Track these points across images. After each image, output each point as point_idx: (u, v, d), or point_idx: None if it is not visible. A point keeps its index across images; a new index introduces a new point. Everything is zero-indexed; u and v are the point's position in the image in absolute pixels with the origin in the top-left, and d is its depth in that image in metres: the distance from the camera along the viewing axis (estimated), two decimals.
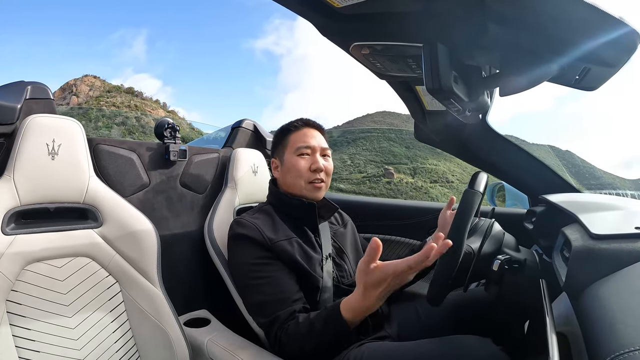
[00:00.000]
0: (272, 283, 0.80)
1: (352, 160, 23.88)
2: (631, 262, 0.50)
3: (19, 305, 0.66)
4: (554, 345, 0.48)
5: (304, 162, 0.92)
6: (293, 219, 0.91)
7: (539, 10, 0.50)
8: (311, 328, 0.72)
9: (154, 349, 0.79)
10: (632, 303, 0.41)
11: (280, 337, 0.76)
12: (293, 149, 0.93)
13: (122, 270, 0.79)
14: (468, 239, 0.70)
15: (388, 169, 21.33)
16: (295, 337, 0.73)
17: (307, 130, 0.96)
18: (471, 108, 0.70)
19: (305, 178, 0.92)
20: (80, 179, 0.76)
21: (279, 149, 0.97)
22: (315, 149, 0.94)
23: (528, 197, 1.24)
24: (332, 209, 0.97)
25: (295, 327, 0.74)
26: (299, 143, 0.93)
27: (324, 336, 0.71)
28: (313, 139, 0.95)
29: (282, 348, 0.76)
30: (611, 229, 0.60)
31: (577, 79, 0.61)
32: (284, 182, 0.95)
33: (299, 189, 0.93)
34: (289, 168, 0.93)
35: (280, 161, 0.96)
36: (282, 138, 0.97)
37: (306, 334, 0.72)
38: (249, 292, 0.84)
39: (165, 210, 1.03)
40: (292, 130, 0.96)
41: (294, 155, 0.93)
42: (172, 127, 1.05)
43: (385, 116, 77.71)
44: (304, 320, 0.74)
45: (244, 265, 0.84)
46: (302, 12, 0.61)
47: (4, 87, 0.79)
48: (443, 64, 0.58)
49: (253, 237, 0.83)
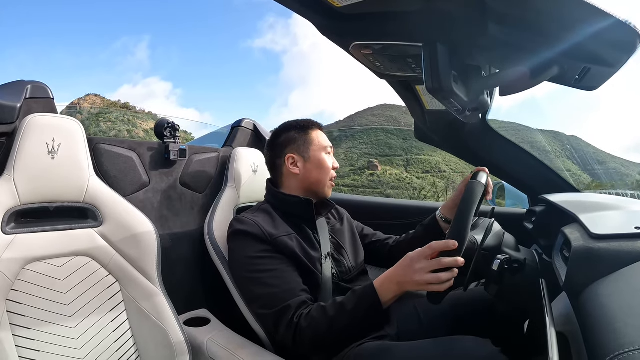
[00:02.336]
0: (276, 275, 0.80)
1: (346, 154, 23.86)
2: (631, 261, 0.50)
3: (19, 304, 0.67)
4: (553, 344, 0.48)
5: (329, 159, 0.97)
6: (292, 217, 0.91)
7: (539, 10, 0.50)
8: (341, 308, 0.73)
9: (154, 348, 0.79)
10: (632, 303, 0.41)
11: (299, 322, 0.74)
12: (321, 147, 0.96)
13: (122, 270, 0.79)
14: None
15: (372, 162, 21.54)
16: (321, 319, 0.73)
17: (322, 133, 1.00)
18: (471, 108, 0.70)
19: (330, 175, 0.97)
20: (80, 179, 0.76)
21: (298, 145, 0.96)
22: (331, 151, 1.00)
23: (528, 197, 1.25)
24: (329, 206, 0.98)
25: (319, 310, 0.74)
26: (325, 142, 0.97)
27: (357, 313, 0.72)
28: (329, 142, 1.00)
29: (301, 333, 0.74)
30: (611, 228, 0.60)
31: (577, 79, 0.61)
32: (305, 178, 0.95)
33: (321, 186, 0.95)
34: (318, 164, 0.95)
35: (302, 157, 0.95)
36: (303, 135, 0.97)
37: (336, 314, 0.72)
38: (252, 285, 0.82)
39: (165, 209, 1.03)
40: (312, 129, 0.98)
41: (322, 153, 0.96)
42: (172, 127, 1.04)
43: (385, 109, 77.62)
44: (331, 304, 0.75)
45: (245, 259, 0.83)
46: (302, 12, 0.61)
47: (3, 86, 0.78)
48: (443, 64, 0.58)
49: (253, 233, 0.83)
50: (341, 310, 0.73)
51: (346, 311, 0.73)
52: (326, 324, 0.73)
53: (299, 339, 0.74)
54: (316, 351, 0.77)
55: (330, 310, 0.74)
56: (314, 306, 0.76)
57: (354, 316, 0.73)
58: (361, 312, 0.73)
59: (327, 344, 0.75)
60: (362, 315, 0.73)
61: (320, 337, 0.73)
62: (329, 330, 0.73)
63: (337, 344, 0.75)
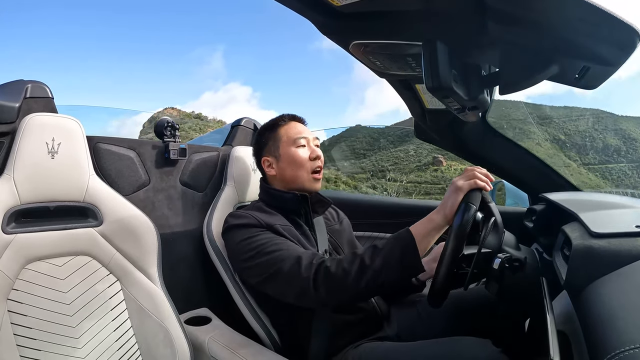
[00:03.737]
0: (277, 243, 0.77)
1: (415, 151, 22.99)
2: (631, 260, 0.50)
3: (20, 304, 0.67)
4: (554, 343, 0.48)
5: (303, 152, 0.92)
6: (287, 213, 0.90)
7: (539, 9, 0.50)
8: (373, 248, 0.69)
9: (155, 347, 0.79)
10: (632, 301, 0.41)
11: (321, 263, 0.69)
12: (289, 141, 0.92)
13: (123, 269, 0.79)
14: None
15: (437, 157, 20.92)
16: (349, 258, 0.69)
17: (295, 123, 0.96)
18: (471, 106, 0.70)
19: (307, 168, 0.91)
20: (80, 178, 0.76)
21: (270, 146, 0.95)
22: (309, 139, 0.94)
23: (528, 196, 1.25)
24: (326, 204, 0.96)
25: (349, 256, 0.69)
26: (294, 135, 0.93)
27: (390, 253, 0.67)
28: (305, 130, 0.95)
29: (325, 272, 0.68)
30: (611, 227, 0.60)
31: (577, 78, 0.61)
32: (282, 178, 0.93)
33: (301, 182, 0.91)
34: (289, 161, 0.91)
35: (274, 157, 0.94)
36: (271, 134, 0.95)
37: (366, 253, 0.68)
38: (253, 260, 0.78)
39: (165, 208, 1.03)
40: (281, 125, 0.95)
41: (291, 147, 0.92)
42: (172, 126, 1.04)
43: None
44: (361, 248, 0.72)
45: (241, 242, 0.80)
46: (302, 11, 0.61)
47: (3, 86, 0.78)
48: (443, 63, 0.57)
49: (249, 223, 0.82)
50: (373, 251, 0.68)
51: (378, 250, 0.68)
52: (356, 263, 0.67)
53: (321, 279, 0.68)
54: (339, 296, 0.70)
55: (360, 251, 0.70)
56: (340, 257, 0.71)
57: (387, 257, 0.66)
58: (396, 253, 0.67)
59: (353, 286, 0.67)
60: (397, 257, 0.66)
61: (347, 277, 0.67)
62: (359, 271, 0.66)
63: (365, 290, 0.67)
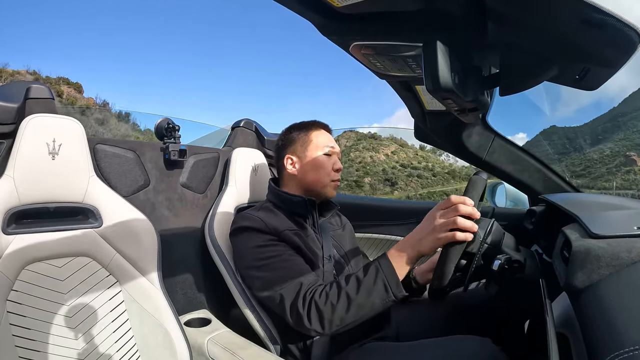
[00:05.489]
0: (285, 259, 0.80)
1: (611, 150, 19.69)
2: (631, 262, 0.50)
3: (19, 305, 0.66)
4: (553, 345, 0.47)
5: (328, 160, 0.95)
6: (294, 216, 0.91)
7: (539, 10, 0.50)
8: (355, 279, 0.72)
9: (155, 349, 0.79)
10: (632, 303, 0.41)
11: (313, 299, 0.73)
12: (319, 147, 0.95)
13: (123, 270, 0.79)
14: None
15: (629, 155, 17.16)
16: (335, 291, 0.72)
17: (326, 132, 0.99)
18: (471, 108, 0.70)
19: (329, 176, 0.95)
20: (80, 179, 0.76)
21: (297, 146, 0.97)
22: (337, 152, 0.98)
23: (528, 197, 1.24)
24: (332, 207, 0.98)
25: (334, 286, 0.73)
26: (325, 143, 0.96)
27: (369, 283, 0.70)
28: (333, 142, 0.99)
29: (317, 309, 0.72)
30: (611, 228, 0.60)
31: (577, 79, 0.61)
32: (302, 178, 0.95)
33: (320, 186, 0.94)
34: (314, 164, 0.94)
35: (299, 157, 0.96)
36: (302, 135, 0.97)
37: (350, 286, 0.71)
38: (262, 272, 0.81)
39: (166, 210, 1.03)
40: (314, 129, 0.98)
41: (320, 153, 0.95)
42: (172, 127, 1.04)
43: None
44: (344, 277, 0.73)
45: (252, 249, 0.83)
46: (301, 12, 0.61)
47: (3, 87, 0.79)
48: (443, 64, 0.57)
49: (257, 227, 0.84)
50: (355, 281, 0.72)
51: (360, 281, 0.71)
52: (341, 296, 0.71)
53: (313, 314, 0.72)
54: (330, 327, 0.73)
55: (343, 283, 0.73)
56: (329, 285, 0.75)
57: (368, 286, 0.70)
58: (375, 282, 0.70)
59: (342, 318, 0.71)
60: (378, 286, 0.70)
61: (334, 310, 0.71)
62: (343, 303, 0.70)
63: (353, 319, 0.72)
